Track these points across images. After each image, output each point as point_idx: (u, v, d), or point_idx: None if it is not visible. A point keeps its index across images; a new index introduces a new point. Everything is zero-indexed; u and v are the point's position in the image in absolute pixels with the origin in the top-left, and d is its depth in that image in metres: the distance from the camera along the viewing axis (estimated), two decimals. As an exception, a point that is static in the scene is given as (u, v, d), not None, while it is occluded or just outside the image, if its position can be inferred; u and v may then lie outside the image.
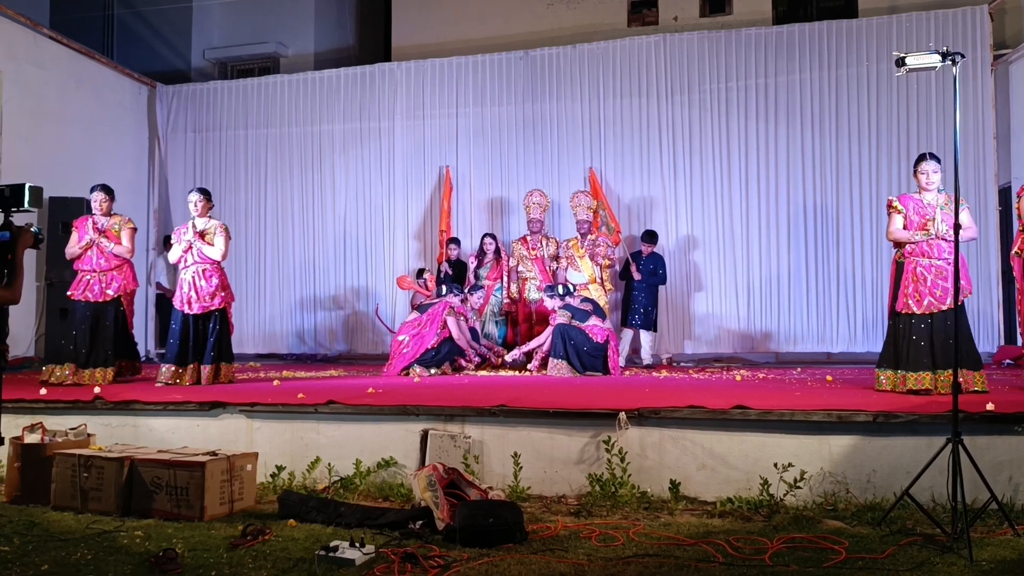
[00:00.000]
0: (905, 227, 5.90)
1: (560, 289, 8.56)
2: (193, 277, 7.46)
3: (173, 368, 7.33)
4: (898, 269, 5.98)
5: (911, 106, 9.60)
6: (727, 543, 4.11)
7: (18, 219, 3.74)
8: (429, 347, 8.34)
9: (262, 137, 11.78)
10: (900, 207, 5.93)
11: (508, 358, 8.81)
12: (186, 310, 7.42)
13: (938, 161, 5.89)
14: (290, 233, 11.60)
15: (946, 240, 5.70)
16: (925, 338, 5.78)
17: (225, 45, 13.94)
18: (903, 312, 5.88)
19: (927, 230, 5.78)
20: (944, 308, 5.69)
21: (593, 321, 8.19)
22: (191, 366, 7.37)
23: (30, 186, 3.75)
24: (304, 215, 11.57)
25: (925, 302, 5.78)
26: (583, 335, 8.12)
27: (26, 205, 3.73)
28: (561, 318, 8.21)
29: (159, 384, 7.22)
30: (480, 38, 12.00)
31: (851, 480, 4.83)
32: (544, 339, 8.47)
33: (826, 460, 4.90)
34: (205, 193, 7.67)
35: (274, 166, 11.71)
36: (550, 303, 8.46)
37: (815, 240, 9.83)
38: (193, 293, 7.43)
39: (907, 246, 5.89)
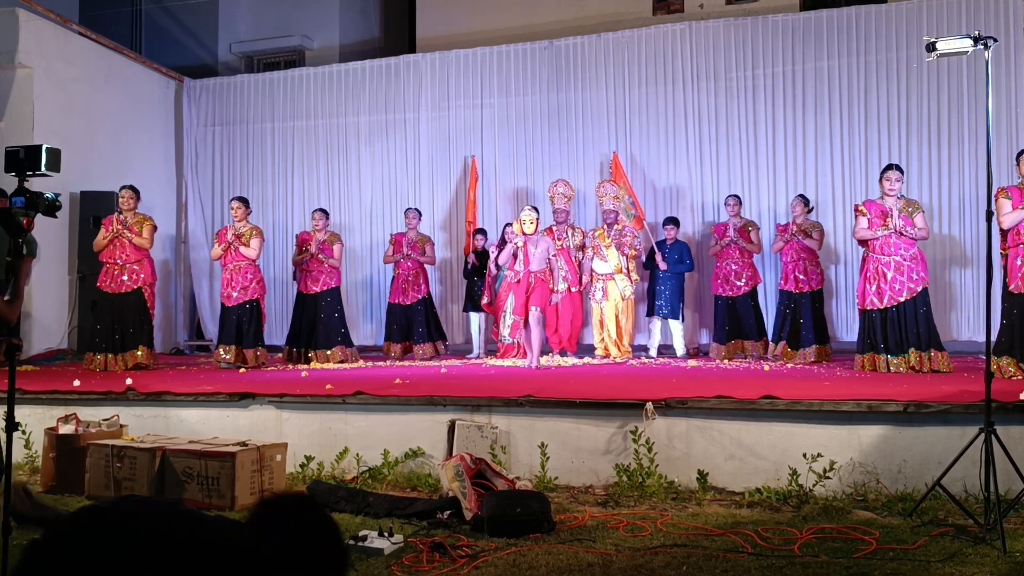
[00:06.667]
0: (869, 227, 6.91)
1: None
2: (231, 274, 8.64)
3: (223, 346, 8.64)
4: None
5: (941, 92, 9.44)
6: (756, 533, 4.09)
7: (36, 185, 3.49)
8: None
9: (288, 130, 11.83)
10: (865, 211, 6.97)
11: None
12: (226, 303, 8.64)
13: (901, 172, 7.05)
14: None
15: (903, 234, 6.79)
16: (891, 326, 6.78)
17: (251, 39, 14.00)
18: (869, 309, 6.89)
19: (887, 225, 6.80)
20: (901, 300, 6.74)
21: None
22: (234, 347, 8.58)
23: (47, 147, 3.51)
24: (331, 207, 11.53)
25: (886, 297, 6.78)
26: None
27: (43, 168, 3.48)
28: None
29: (222, 365, 8.49)
30: (504, 28, 11.97)
31: (881, 470, 4.79)
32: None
33: (856, 450, 4.86)
34: (243, 200, 8.93)
35: (300, 159, 11.76)
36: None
37: (844, 228, 9.71)
38: (230, 288, 8.63)
39: (871, 243, 6.88)
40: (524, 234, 7.97)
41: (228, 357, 8.50)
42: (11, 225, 3.38)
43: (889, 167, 7.09)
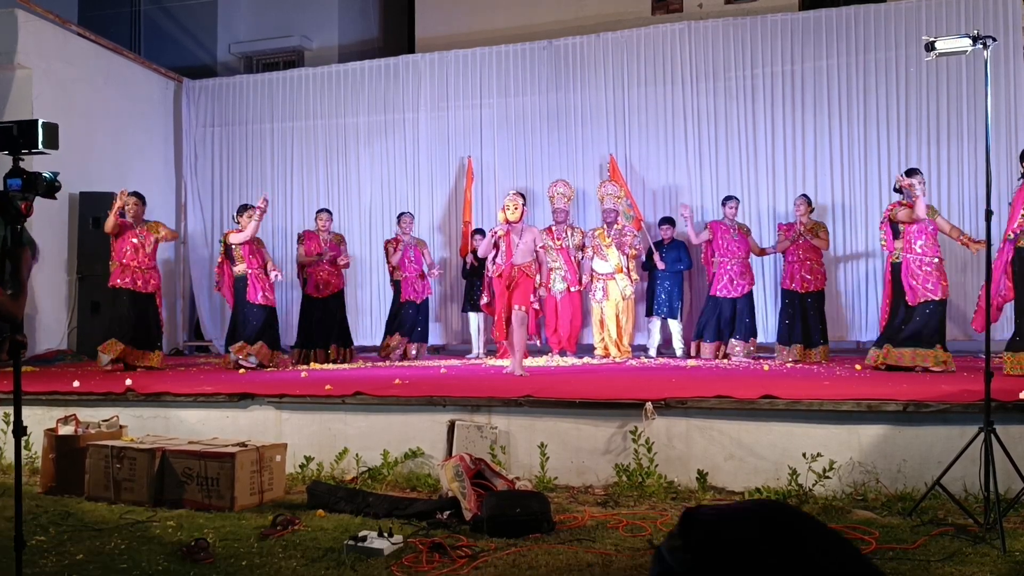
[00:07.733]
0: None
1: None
2: (259, 273, 8.70)
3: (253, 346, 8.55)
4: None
5: (941, 92, 9.44)
6: (755, 533, 4.08)
7: (36, 164, 3.29)
8: None
9: (288, 130, 11.83)
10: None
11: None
12: (262, 303, 8.62)
13: (920, 174, 7.11)
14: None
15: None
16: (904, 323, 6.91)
17: (250, 39, 14.01)
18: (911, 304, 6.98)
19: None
20: (921, 301, 6.86)
21: None
22: (274, 351, 8.68)
23: (43, 122, 3.22)
24: (330, 208, 11.59)
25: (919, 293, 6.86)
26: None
27: (40, 145, 3.19)
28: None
29: (251, 361, 8.42)
30: (504, 28, 11.97)
31: (881, 470, 4.79)
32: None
33: (855, 450, 4.85)
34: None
35: (300, 159, 11.76)
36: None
37: (843, 228, 9.71)
38: (263, 288, 8.67)
39: (911, 243, 6.95)
40: (508, 222, 7.21)
41: (285, 358, 8.81)
42: (8, 210, 3.12)
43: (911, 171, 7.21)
